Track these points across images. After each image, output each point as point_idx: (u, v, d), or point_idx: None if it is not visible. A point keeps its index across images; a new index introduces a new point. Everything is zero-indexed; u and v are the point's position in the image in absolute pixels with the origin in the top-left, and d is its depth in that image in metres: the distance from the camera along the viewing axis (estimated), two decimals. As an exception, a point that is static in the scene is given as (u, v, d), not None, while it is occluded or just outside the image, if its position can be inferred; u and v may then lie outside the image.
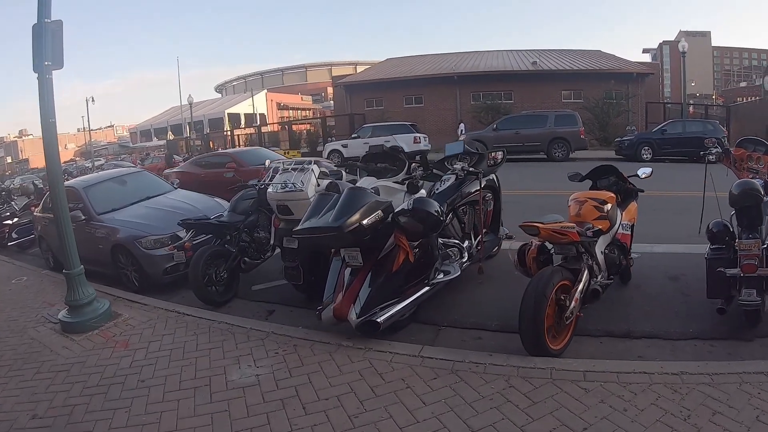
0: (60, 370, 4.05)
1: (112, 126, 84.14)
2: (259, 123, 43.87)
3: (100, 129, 76.98)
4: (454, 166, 5.58)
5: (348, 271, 4.32)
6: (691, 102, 37.51)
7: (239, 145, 34.98)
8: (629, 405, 3.01)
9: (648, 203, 6.29)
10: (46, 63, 4.70)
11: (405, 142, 20.29)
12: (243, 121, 51.40)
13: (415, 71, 34.17)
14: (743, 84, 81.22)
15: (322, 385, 3.44)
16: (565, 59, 34.41)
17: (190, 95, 38.15)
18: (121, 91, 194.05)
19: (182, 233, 6.11)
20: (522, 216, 7.46)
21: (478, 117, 28.90)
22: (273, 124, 44.51)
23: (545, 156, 19.89)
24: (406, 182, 5.27)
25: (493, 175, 5.93)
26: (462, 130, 25.91)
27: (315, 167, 5.50)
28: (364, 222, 4.07)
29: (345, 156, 21.86)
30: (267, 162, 6.64)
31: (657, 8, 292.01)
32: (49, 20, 4.71)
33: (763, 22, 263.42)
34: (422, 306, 4.52)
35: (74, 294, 4.89)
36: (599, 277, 4.35)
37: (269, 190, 5.42)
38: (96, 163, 39.01)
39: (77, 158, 58.50)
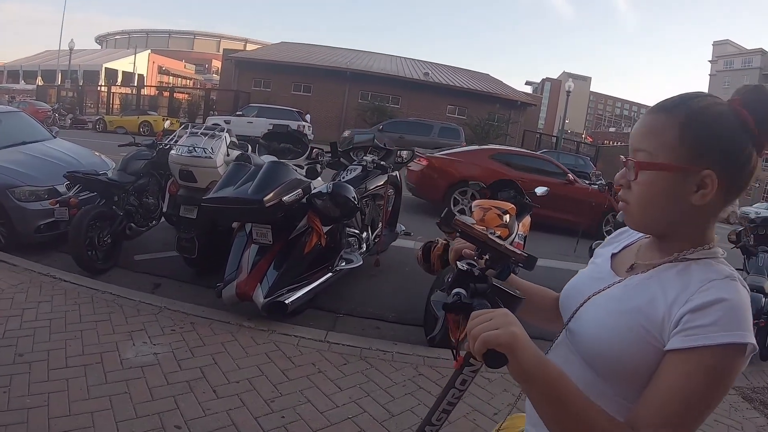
0: None
1: (-23, 60, 72.64)
2: (137, 84, 40.69)
3: (-39, 62, 66.40)
4: (364, 157, 5.58)
5: (254, 248, 4.13)
6: (571, 139, 41.42)
7: (114, 105, 31.96)
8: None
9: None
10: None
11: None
12: (120, 79, 47.39)
13: (308, 59, 33.68)
14: (612, 129, 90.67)
15: (230, 367, 3.23)
16: (456, 76, 35.91)
17: (72, 40, 34.09)
18: None
19: (61, 188, 5.42)
20: (416, 215, 7.79)
21: (363, 116, 29.19)
22: (152, 87, 41.57)
23: (425, 163, 20.56)
24: (306, 166, 5.16)
25: (397, 173, 6.02)
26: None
27: (227, 135, 5.17)
28: (284, 198, 3.91)
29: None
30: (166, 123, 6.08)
31: (545, 47, 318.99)
32: None
33: (637, 78, 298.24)
34: (320, 292, 4.44)
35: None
36: None
37: (172, 152, 4.98)
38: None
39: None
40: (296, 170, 4.51)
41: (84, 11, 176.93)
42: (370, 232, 5.61)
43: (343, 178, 5.31)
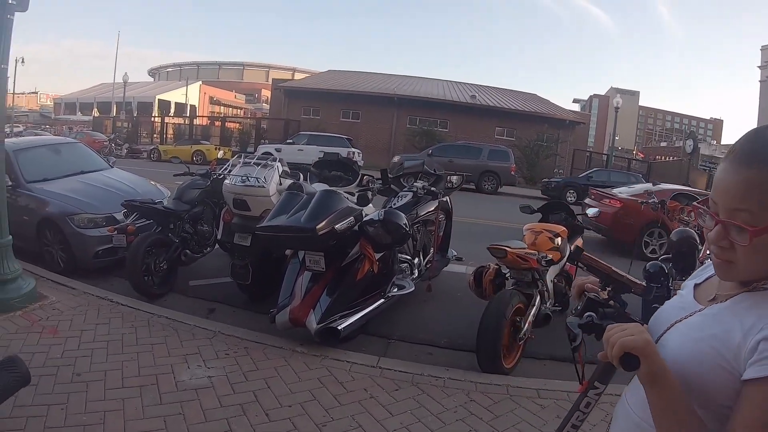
0: (-22, 353, 3.57)
1: (37, 93, 77.79)
2: (189, 114, 42.45)
3: (23, 94, 70.76)
4: (415, 184, 5.60)
5: (307, 275, 4.19)
6: (622, 156, 40.49)
7: (168, 135, 33.38)
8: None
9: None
10: (10, 1, 4.15)
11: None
12: (173, 110, 49.55)
13: (356, 86, 34.30)
14: (663, 144, 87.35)
15: (282, 392, 3.27)
16: (503, 97, 35.80)
17: (126, 74, 36.31)
18: (51, 57, 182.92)
19: (119, 215, 5.70)
20: (467, 240, 7.72)
21: (412, 141, 29.33)
22: (204, 117, 43.23)
23: (474, 187, 20.45)
24: (357, 194, 5.21)
25: (447, 198, 6.00)
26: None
27: (279, 165, 5.32)
28: (337, 227, 3.97)
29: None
30: (220, 152, 6.32)
31: (591, 63, 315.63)
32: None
33: (686, 89, 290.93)
34: (372, 318, 4.44)
35: (-2, 267, 4.36)
36: (548, 303, 4.53)
37: (227, 182, 5.16)
38: (14, 130, 35.97)
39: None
40: (348, 198, 4.58)
41: (136, 46, 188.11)
42: (421, 257, 5.60)
43: (394, 204, 5.32)
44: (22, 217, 5.87)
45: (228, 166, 5.57)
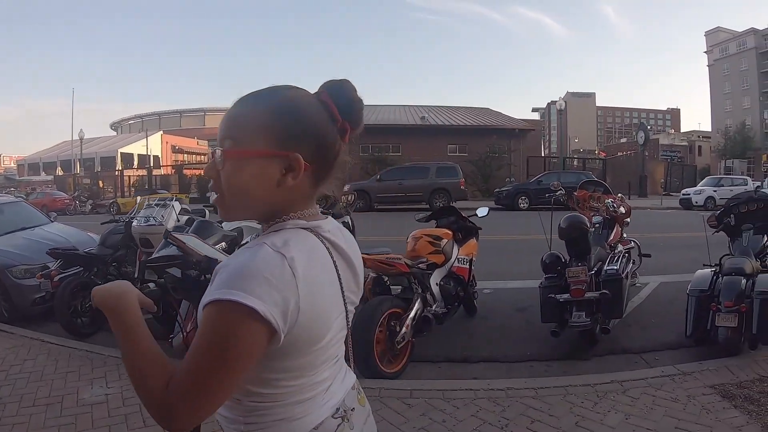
0: None
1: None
2: (152, 165, 42.74)
3: (-16, 158, 70.63)
4: None
5: (202, 300, 4.67)
6: (575, 156, 41.38)
7: (128, 187, 33.60)
8: (449, 417, 3.36)
9: (504, 246, 6.95)
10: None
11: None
12: (136, 162, 49.72)
13: (309, 120, 34.79)
14: (624, 140, 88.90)
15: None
16: (453, 115, 36.85)
17: (81, 130, 36.95)
18: (10, 119, 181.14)
19: (52, 265, 6.15)
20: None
21: (366, 168, 29.58)
22: (166, 166, 43.54)
23: (427, 205, 20.99)
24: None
25: (348, 217, 6.34)
26: None
27: (176, 204, 5.91)
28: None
29: None
30: (138, 198, 6.85)
31: (548, 71, 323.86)
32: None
33: (642, 84, 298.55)
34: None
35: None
36: (434, 306, 4.69)
37: (134, 223, 5.71)
38: (-22, 194, 35.66)
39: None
40: (239, 231, 5.08)
41: (97, 102, 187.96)
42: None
43: None
44: None
45: (134, 209, 6.11)
